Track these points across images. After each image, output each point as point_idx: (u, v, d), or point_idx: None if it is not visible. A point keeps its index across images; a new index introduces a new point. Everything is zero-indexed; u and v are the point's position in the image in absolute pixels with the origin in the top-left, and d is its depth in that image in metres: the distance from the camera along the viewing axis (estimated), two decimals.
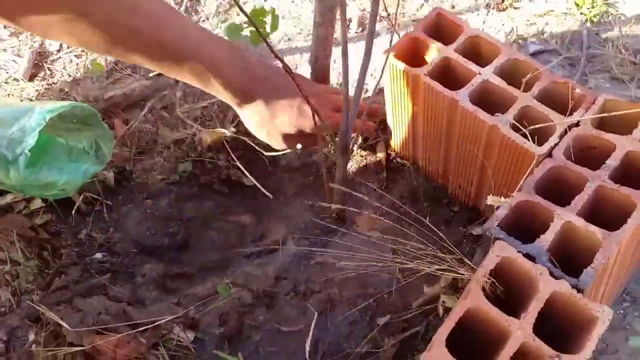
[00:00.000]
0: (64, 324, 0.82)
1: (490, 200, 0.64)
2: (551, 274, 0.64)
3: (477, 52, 0.92)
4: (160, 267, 0.94)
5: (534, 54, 1.28)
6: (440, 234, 0.75)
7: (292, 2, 1.43)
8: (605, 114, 0.77)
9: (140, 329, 0.86)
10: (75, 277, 0.90)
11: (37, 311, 0.86)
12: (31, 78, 1.29)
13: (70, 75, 1.30)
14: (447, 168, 1.02)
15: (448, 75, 0.90)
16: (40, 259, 0.92)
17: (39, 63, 1.33)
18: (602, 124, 0.81)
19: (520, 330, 0.61)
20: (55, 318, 0.82)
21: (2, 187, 0.95)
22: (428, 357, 0.59)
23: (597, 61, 1.27)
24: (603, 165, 0.73)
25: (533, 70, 0.85)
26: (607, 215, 0.70)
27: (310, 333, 0.81)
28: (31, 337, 0.85)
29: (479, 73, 0.86)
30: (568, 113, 0.80)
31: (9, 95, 1.25)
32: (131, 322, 0.85)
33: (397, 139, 1.10)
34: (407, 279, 0.93)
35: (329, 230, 1.06)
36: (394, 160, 1.14)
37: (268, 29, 0.69)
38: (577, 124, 0.79)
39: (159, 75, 1.22)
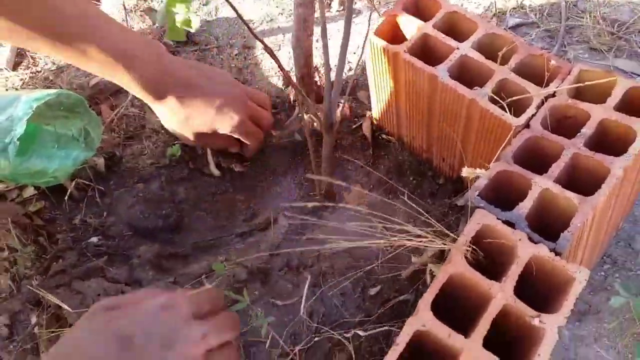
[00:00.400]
0: (64, 306, 0.84)
1: (465, 172, 0.67)
2: (530, 239, 0.68)
3: (455, 27, 0.94)
4: (155, 248, 0.96)
5: (513, 27, 1.30)
6: (419, 209, 0.78)
7: None
8: (580, 84, 0.80)
9: None
10: (72, 261, 0.92)
11: (37, 295, 0.88)
12: (15, 67, 1.29)
13: (54, 64, 1.30)
14: (430, 142, 1.04)
15: (428, 52, 0.92)
16: (37, 245, 0.94)
17: (21, 52, 1.33)
18: (578, 94, 0.84)
19: (501, 293, 0.64)
20: (55, 301, 0.85)
21: None
22: (415, 321, 0.62)
23: (575, 32, 1.30)
24: (578, 134, 0.76)
25: (510, 43, 0.88)
26: (583, 182, 0.74)
27: (303, 304, 0.84)
28: (33, 320, 0.87)
29: (458, 48, 0.88)
30: (544, 84, 0.83)
31: None
32: None
33: (381, 116, 1.12)
34: (395, 251, 0.96)
35: (319, 207, 1.08)
36: (380, 137, 1.17)
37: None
38: (553, 95, 0.82)
39: None
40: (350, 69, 1.26)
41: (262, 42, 0.79)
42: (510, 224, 0.70)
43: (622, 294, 0.85)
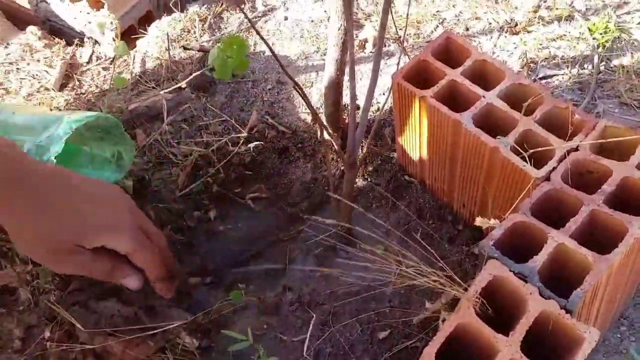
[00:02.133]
0: (77, 324, 0.87)
1: (479, 221, 0.66)
2: (541, 294, 0.67)
3: (483, 75, 0.95)
4: None
5: (543, 78, 1.30)
6: (435, 254, 0.78)
7: (311, 21, 1.48)
8: (604, 140, 0.80)
9: (149, 332, 0.90)
10: (91, 281, 0.94)
11: (53, 311, 0.91)
12: (61, 88, 1.36)
13: (97, 87, 1.36)
14: (451, 187, 1.04)
15: (454, 98, 0.94)
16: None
17: (69, 74, 1.41)
18: (601, 150, 0.83)
19: (508, 348, 0.63)
20: (69, 318, 0.87)
21: None
22: None
23: (607, 86, 1.29)
24: (599, 190, 0.75)
25: (536, 94, 0.88)
26: (601, 240, 0.72)
27: (306, 344, 0.84)
28: (46, 334, 0.90)
29: (484, 96, 0.89)
30: (568, 137, 0.82)
31: (40, 103, 1.32)
32: (141, 326, 0.90)
33: (404, 157, 1.13)
34: (408, 294, 0.95)
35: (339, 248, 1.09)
36: (402, 178, 1.17)
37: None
38: (576, 149, 0.82)
39: (181, 89, 1.28)
40: (378, 109, 1.28)
41: (292, 78, 0.81)
42: (522, 276, 0.69)
43: (635, 358, 0.82)
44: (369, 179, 1.19)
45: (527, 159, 0.80)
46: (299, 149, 1.25)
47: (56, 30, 1.60)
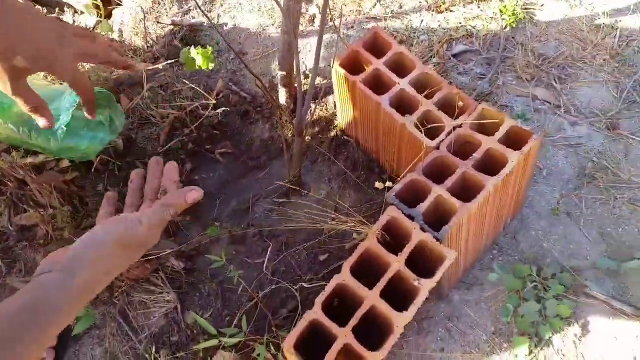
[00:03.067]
0: None
1: (377, 184, 0.98)
2: (422, 229, 1.00)
3: (401, 64, 1.24)
4: None
5: (458, 54, 1.59)
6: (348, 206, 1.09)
7: None
8: (478, 121, 1.11)
9: (146, 259, 1.20)
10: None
11: (70, 242, 1.19)
12: None
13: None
14: (377, 147, 1.35)
15: (378, 82, 1.22)
16: (72, 206, 1.24)
17: None
18: (481, 127, 1.15)
19: (397, 263, 0.97)
20: None
21: (42, 151, 1.26)
22: (339, 277, 0.95)
23: (509, 62, 1.59)
24: (470, 157, 1.08)
25: (437, 82, 1.18)
26: (468, 193, 1.05)
27: (265, 263, 1.16)
28: None
29: (398, 83, 1.19)
30: (455, 117, 1.14)
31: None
32: None
33: (342, 122, 1.43)
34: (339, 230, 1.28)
35: (290, 192, 1.39)
36: (342, 137, 1.47)
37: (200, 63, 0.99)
38: (460, 126, 1.13)
39: (156, 60, 1.51)
40: (325, 79, 1.55)
41: (252, 73, 1.08)
42: (411, 217, 1.02)
43: (497, 272, 1.19)
44: (315, 139, 1.48)
45: (422, 132, 1.11)
46: (258, 112, 1.52)
47: None
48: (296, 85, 1.48)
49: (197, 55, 0.97)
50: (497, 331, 1.19)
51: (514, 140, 1.11)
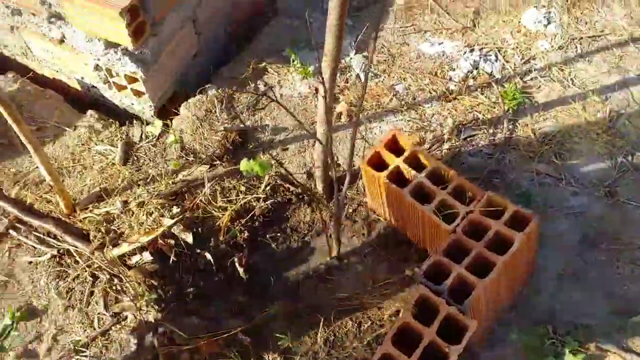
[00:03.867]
0: (176, 330, 1.41)
1: (407, 271, 1.22)
2: (448, 303, 1.23)
3: (417, 160, 1.50)
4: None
5: (468, 137, 1.84)
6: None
7: (300, 96, 2.00)
8: (485, 208, 1.35)
9: (215, 338, 1.45)
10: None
11: (158, 324, 1.45)
12: (124, 162, 1.86)
13: (151, 160, 1.87)
14: (404, 225, 1.59)
15: (399, 176, 1.48)
16: (156, 294, 1.51)
17: (127, 150, 1.90)
18: (489, 211, 1.38)
19: (429, 335, 1.19)
20: (171, 327, 1.41)
21: None
22: (381, 349, 1.18)
23: (512, 141, 1.84)
24: (483, 238, 1.31)
25: (449, 174, 1.43)
26: (483, 269, 1.28)
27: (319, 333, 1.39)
28: (155, 342, 1.44)
29: (416, 176, 1.44)
30: (467, 203, 1.38)
31: (110, 176, 1.83)
32: (212, 332, 1.45)
33: (372, 203, 1.68)
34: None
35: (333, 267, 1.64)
36: (372, 216, 1.72)
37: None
38: (472, 211, 1.37)
39: (213, 162, 1.80)
40: (353, 166, 1.81)
41: (291, 174, 1.35)
42: (438, 293, 1.25)
43: (515, 333, 1.39)
44: (349, 218, 1.73)
45: (440, 217, 1.35)
46: (300, 199, 1.78)
47: (99, 104, 2.08)
48: (331, 174, 1.75)
49: (255, 166, 1.25)
50: None
51: (518, 221, 1.34)
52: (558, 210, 1.66)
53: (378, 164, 1.51)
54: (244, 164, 1.32)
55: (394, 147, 1.53)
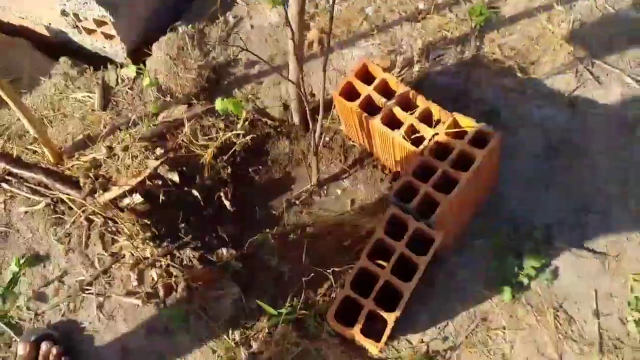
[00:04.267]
0: (172, 263, 1.53)
1: (382, 191, 1.32)
2: (415, 219, 1.34)
3: (387, 87, 1.56)
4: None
5: (435, 58, 1.89)
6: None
7: (271, 26, 2.01)
8: (451, 130, 1.43)
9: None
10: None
11: (155, 260, 1.57)
12: (104, 108, 1.90)
13: (129, 104, 1.91)
14: (377, 150, 1.68)
15: (371, 103, 1.55)
16: (150, 232, 1.62)
17: (104, 95, 1.93)
18: (457, 132, 1.47)
19: (400, 247, 1.32)
20: (168, 262, 1.54)
21: None
22: (358, 262, 1.30)
23: (480, 58, 1.89)
24: (447, 158, 1.41)
25: (417, 98, 1.50)
26: (449, 186, 1.39)
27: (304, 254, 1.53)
28: (154, 275, 1.56)
29: (386, 104, 1.51)
30: (433, 126, 1.46)
31: (91, 123, 1.88)
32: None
33: (348, 132, 1.76)
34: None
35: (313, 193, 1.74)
36: (347, 143, 1.80)
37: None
38: (437, 134, 1.45)
39: (191, 104, 1.85)
40: (328, 95, 1.87)
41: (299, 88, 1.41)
42: (407, 211, 1.36)
43: (480, 238, 1.53)
44: (327, 146, 1.82)
45: (410, 141, 1.44)
46: (278, 132, 1.85)
47: (70, 50, 2.08)
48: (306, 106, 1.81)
49: (230, 104, 1.30)
50: (487, 283, 1.54)
51: (482, 139, 1.43)
52: (524, 123, 1.74)
53: (350, 93, 1.56)
54: (219, 103, 1.38)
55: (365, 75, 1.58)
